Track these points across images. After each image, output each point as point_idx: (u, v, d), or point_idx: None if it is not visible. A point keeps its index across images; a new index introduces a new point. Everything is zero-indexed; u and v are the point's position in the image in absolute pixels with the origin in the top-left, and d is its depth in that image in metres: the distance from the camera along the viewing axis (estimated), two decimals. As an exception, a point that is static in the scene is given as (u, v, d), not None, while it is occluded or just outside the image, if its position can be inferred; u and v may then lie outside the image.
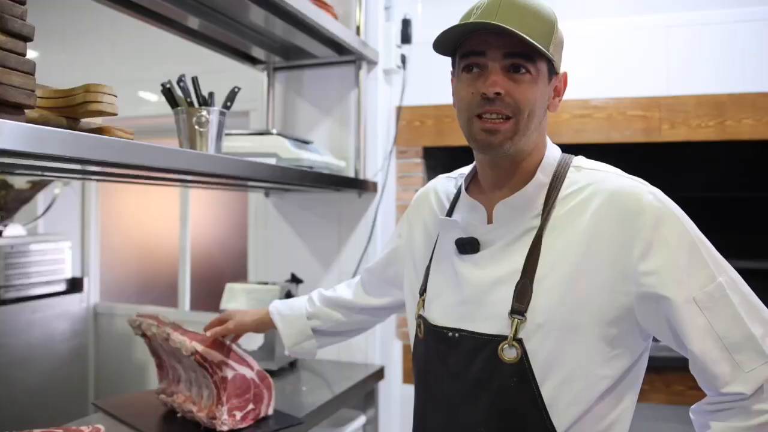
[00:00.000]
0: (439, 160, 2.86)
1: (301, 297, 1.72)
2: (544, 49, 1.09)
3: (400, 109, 2.65)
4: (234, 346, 1.66)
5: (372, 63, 2.47)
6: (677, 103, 2.38)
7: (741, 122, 2.32)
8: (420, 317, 1.30)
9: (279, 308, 1.68)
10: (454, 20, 1.16)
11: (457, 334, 1.19)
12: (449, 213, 1.32)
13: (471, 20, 1.12)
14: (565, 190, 1.18)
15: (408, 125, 2.68)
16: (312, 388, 2.09)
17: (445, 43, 1.16)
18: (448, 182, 1.41)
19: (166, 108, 1.65)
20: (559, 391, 1.11)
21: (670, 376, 2.39)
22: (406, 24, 2.58)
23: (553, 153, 1.23)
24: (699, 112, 2.36)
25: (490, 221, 1.22)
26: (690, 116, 2.37)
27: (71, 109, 1.11)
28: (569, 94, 1.28)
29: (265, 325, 1.70)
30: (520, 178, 1.20)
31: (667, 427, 2.49)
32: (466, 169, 1.36)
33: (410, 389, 2.61)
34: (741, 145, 2.42)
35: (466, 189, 1.29)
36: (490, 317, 1.15)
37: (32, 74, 0.96)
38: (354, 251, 2.47)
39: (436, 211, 1.38)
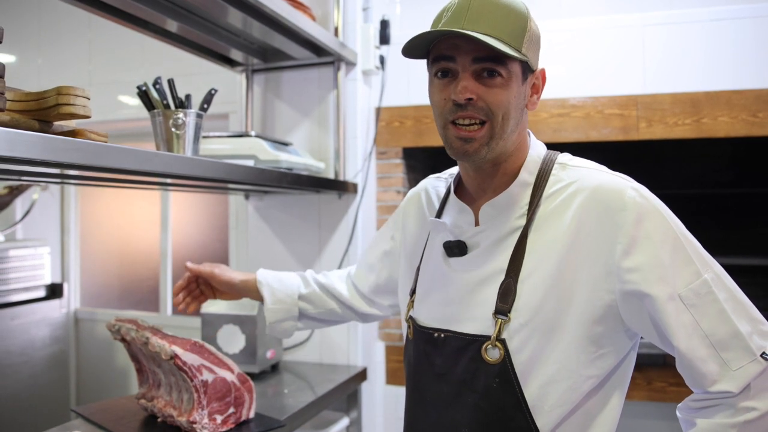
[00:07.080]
0: (419, 161, 2.86)
1: (290, 273, 1.65)
2: (513, 53, 1.07)
3: (379, 110, 2.65)
4: (214, 349, 1.66)
5: (351, 64, 2.47)
6: (654, 101, 2.40)
7: (717, 120, 2.34)
8: (410, 318, 1.30)
9: (268, 279, 1.61)
10: (433, 21, 1.15)
11: (442, 335, 1.19)
12: (439, 214, 1.32)
13: (441, 24, 1.11)
14: (549, 189, 1.16)
15: (387, 126, 2.68)
16: (294, 391, 2.08)
17: (415, 50, 1.15)
18: (438, 182, 1.41)
19: (146, 111, 1.64)
20: (544, 392, 1.10)
21: (651, 373, 2.41)
22: (384, 25, 2.57)
23: (537, 151, 1.22)
24: (675, 110, 2.38)
25: (477, 223, 1.21)
26: (666, 114, 2.39)
27: (43, 112, 1.09)
28: (547, 94, 1.27)
29: (249, 292, 1.63)
30: (504, 179, 1.19)
31: (649, 424, 2.51)
32: (455, 169, 1.35)
33: (393, 390, 2.62)
34: (717, 142, 2.45)
35: (455, 190, 1.28)
36: (474, 318, 1.15)
37: (2, 77, 0.95)
38: (335, 253, 2.46)
39: (426, 212, 1.38)
